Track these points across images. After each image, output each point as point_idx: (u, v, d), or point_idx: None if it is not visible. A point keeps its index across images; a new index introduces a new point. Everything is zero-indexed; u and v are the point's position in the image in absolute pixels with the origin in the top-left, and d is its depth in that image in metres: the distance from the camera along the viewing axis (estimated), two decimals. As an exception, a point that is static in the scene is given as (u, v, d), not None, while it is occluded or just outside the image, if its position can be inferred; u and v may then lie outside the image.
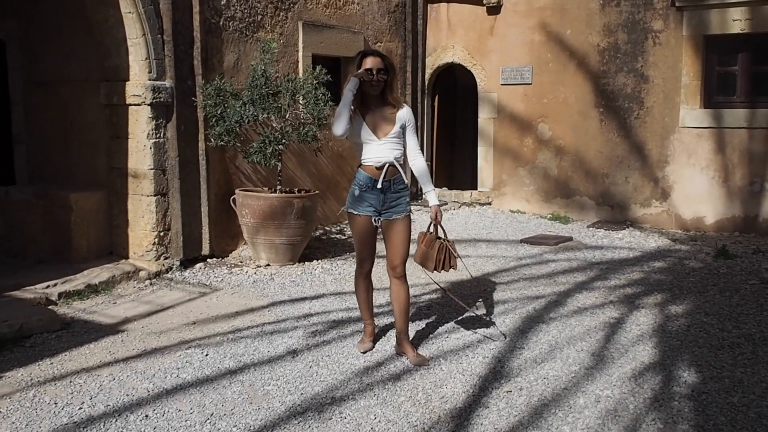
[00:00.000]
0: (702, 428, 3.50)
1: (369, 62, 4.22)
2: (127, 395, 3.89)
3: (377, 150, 4.29)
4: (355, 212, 4.36)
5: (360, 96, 4.28)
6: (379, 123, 4.29)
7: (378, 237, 4.49)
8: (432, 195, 4.48)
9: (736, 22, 8.15)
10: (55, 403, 3.79)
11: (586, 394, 3.91)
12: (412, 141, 4.40)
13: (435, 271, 4.58)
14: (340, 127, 4.21)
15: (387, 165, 4.28)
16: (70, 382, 4.09)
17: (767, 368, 4.25)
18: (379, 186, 4.28)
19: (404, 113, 4.32)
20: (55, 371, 4.25)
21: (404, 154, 4.40)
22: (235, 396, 3.89)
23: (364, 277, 4.53)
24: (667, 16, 8.62)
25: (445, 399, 3.86)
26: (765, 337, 4.81)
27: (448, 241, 4.57)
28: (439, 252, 4.52)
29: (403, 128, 4.33)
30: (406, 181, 4.40)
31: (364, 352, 4.52)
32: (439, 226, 4.55)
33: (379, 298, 5.79)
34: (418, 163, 4.41)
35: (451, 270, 4.60)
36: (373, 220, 4.35)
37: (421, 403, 3.80)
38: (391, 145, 4.29)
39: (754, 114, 8.18)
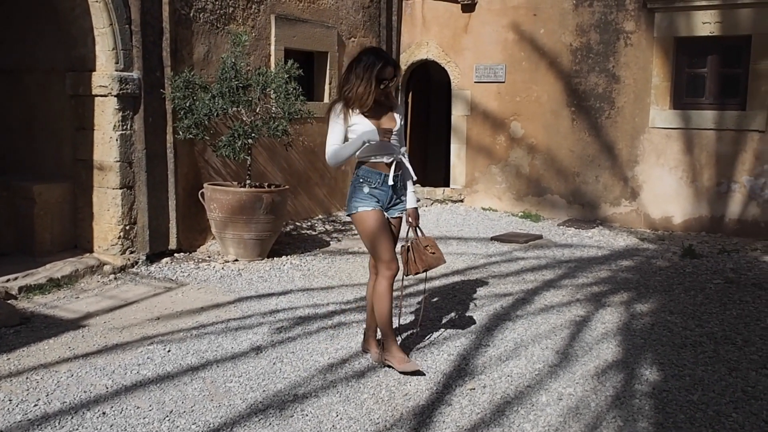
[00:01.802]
0: (661, 426, 3.52)
1: (389, 72, 4.13)
2: (85, 392, 3.82)
3: (382, 147, 4.18)
4: (369, 209, 4.19)
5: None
6: (383, 122, 4.23)
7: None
8: (413, 196, 4.37)
9: (706, 24, 8.23)
10: (10, 400, 3.71)
11: (548, 392, 3.91)
12: (401, 138, 4.36)
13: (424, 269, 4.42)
14: (337, 164, 4.21)
15: (394, 162, 4.23)
16: (27, 378, 4.00)
17: (727, 367, 4.30)
18: (390, 182, 4.18)
19: (398, 112, 4.33)
20: (11, 367, 4.16)
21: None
22: (195, 393, 3.84)
23: (390, 281, 4.16)
24: (638, 17, 8.68)
25: (409, 396, 3.84)
26: (727, 335, 4.86)
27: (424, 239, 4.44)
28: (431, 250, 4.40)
29: (401, 126, 4.34)
30: (414, 177, 4.39)
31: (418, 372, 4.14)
32: (417, 229, 4.40)
33: (347, 294, 5.77)
34: (406, 162, 4.35)
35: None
36: (386, 216, 4.27)
37: (384, 401, 3.78)
38: (395, 142, 4.25)
39: (722, 116, 8.27)
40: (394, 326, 4.30)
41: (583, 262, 7.03)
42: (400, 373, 4.10)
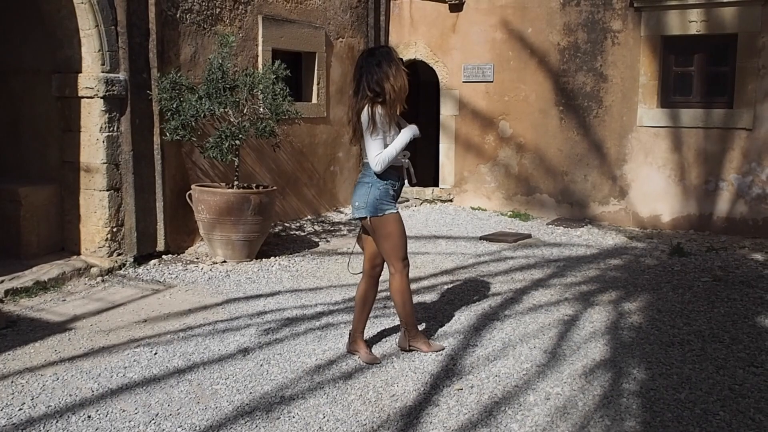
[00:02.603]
0: (649, 425, 3.53)
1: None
2: (71, 395, 3.80)
3: (403, 152, 4.39)
4: (395, 211, 4.32)
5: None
6: (400, 128, 4.43)
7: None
8: None
9: (693, 23, 8.26)
10: (-5, 404, 3.69)
11: (536, 392, 3.91)
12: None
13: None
14: (386, 167, 4.25)
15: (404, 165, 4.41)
16: (12, 382, 3.98)
17: (715, 365, 4.31)
18: (414, 181, 4.48)
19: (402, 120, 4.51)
20: (-3, 370, 4.14)
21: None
22: (182, 395, 3.82)
23: (405, 276, 4.37)
24: (625, 16, 8.70)
25: (396, 397, 3.83)
26: (714, 334, 4.87)
27: None
28: None
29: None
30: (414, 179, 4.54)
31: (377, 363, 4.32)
32: None
33: (335, 295, 5.75)
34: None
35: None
36: None
37: (371, 402, 3.77)
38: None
39: (710, 114, 8.30)
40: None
41: (571, 261, 7.04)
42: (431, 352, 4.42)
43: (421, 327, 4.93)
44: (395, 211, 4.29)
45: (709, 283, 6.21)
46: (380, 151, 4.20)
